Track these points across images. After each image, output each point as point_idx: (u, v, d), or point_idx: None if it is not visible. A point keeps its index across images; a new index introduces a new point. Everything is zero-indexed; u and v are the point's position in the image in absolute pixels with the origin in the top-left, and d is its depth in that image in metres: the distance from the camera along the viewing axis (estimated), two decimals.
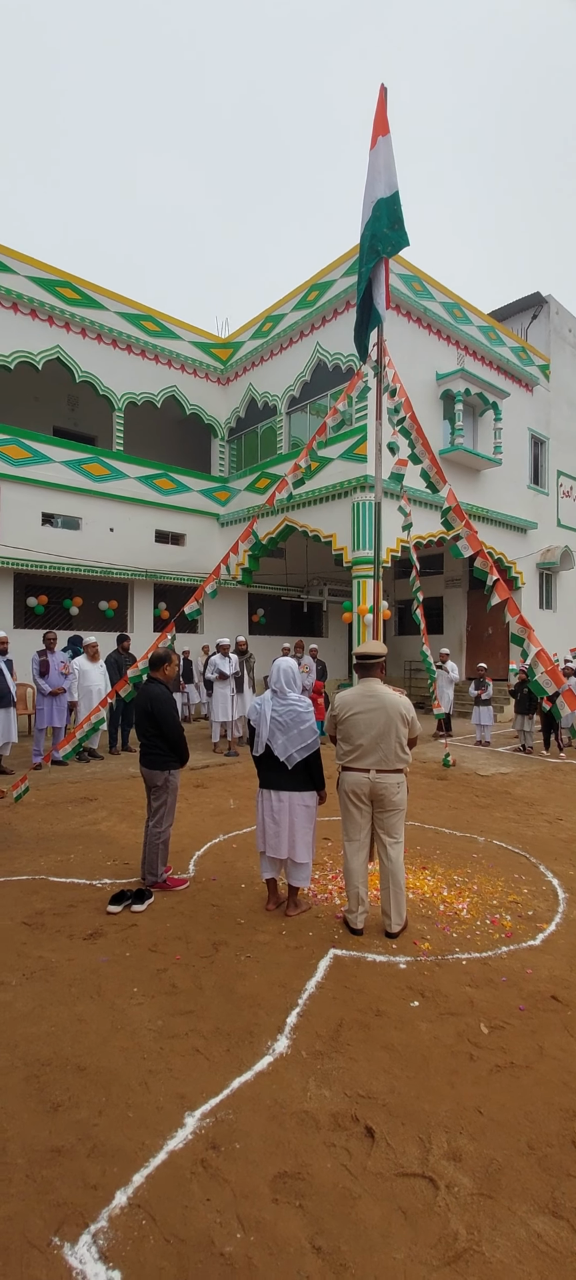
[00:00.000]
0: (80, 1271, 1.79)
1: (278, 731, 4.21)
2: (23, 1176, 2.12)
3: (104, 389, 14.36)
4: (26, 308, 13.13)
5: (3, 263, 12.68)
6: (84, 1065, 2.70)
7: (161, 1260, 1.82)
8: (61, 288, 13.52)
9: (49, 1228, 1.93)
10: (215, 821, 6.56)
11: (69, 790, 7.85)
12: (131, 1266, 1.80)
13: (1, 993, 3.27)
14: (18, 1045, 2.83)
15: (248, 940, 3.89)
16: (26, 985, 3.35)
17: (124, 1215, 1.97)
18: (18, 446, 12.86)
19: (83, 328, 13.97)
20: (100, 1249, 1.86)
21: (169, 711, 4.69)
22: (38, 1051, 2.79)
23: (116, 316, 14.43)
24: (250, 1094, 2.53)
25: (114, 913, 4.25)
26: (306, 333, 14.17)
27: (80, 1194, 2.05)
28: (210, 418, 16.42)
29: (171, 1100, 2.48)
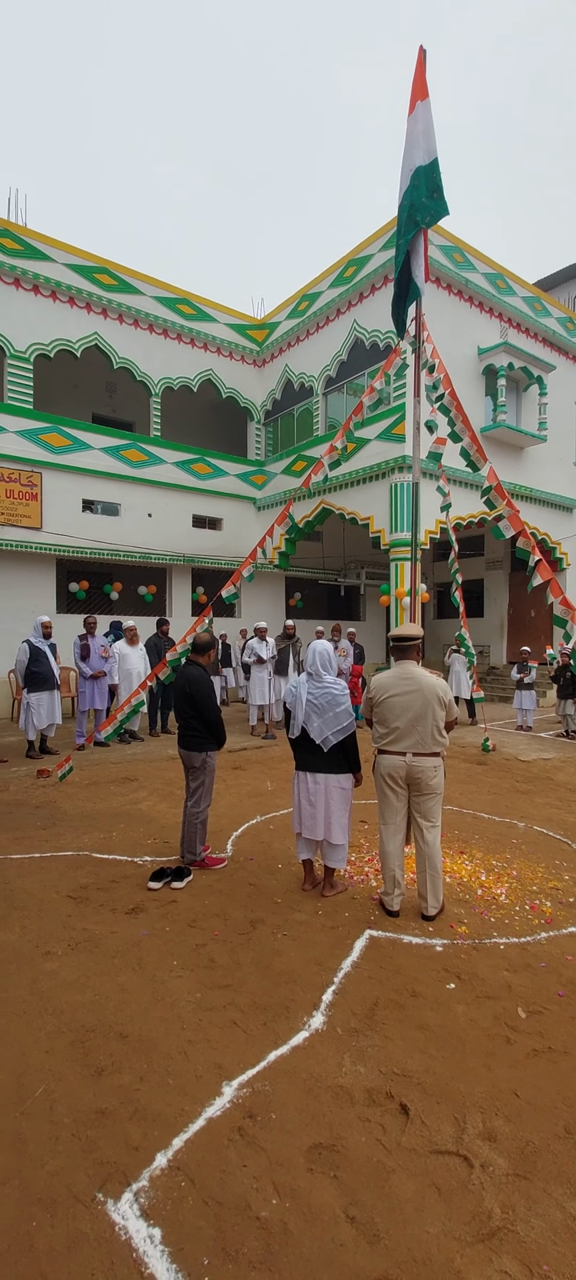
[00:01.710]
0: (122, 1227, 1.87)
1: (313, 714, 4.22)
2: (69, 1135, 2.22)
3: (141, 374, 14.50)
4: (65, 295, 13.34)
5: (42, 251, 12.90)
6: (126, 1033, 2.79)
7: (199, 1220, 1.89)
8: (99, 274, 13.68)
9: (93, 1184, 2.02)
10: (252, 803, 6.64)
11: (111, 770, 8.05)
12: (171, 1225, 1.87)
13: (49, 962, 3.40)
14: (64, 1012, 2.95)
15: (284, 919, 3.94)
16: (72, 955, 3.47)
17: (164, 1176, 2.05)
18: (59, 434, 13.13)
19: (120, 313, 14.12)
20: (141, 1207, 1.93)
21: (207, 694, 4.76)
22: (83, 1018, 2.90)
23: (152, 301, 14.53)
24: (286, 1067, 2.57)
25: (154, 889, 4.37)
26: (343, 310, 13.99)
27: (123, 1154, 2.13)
28: (246, 400, 16.42)
29: (210, 1070, 2.55)
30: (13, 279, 12.68)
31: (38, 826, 5.77)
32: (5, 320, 12.57)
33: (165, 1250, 1.79)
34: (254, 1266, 1.75)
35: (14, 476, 12.43)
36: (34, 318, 12.94)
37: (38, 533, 12.66)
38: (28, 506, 12.58)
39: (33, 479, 12.68)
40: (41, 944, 3.59)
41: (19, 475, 12.50)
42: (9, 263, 12.51)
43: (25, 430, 12.68)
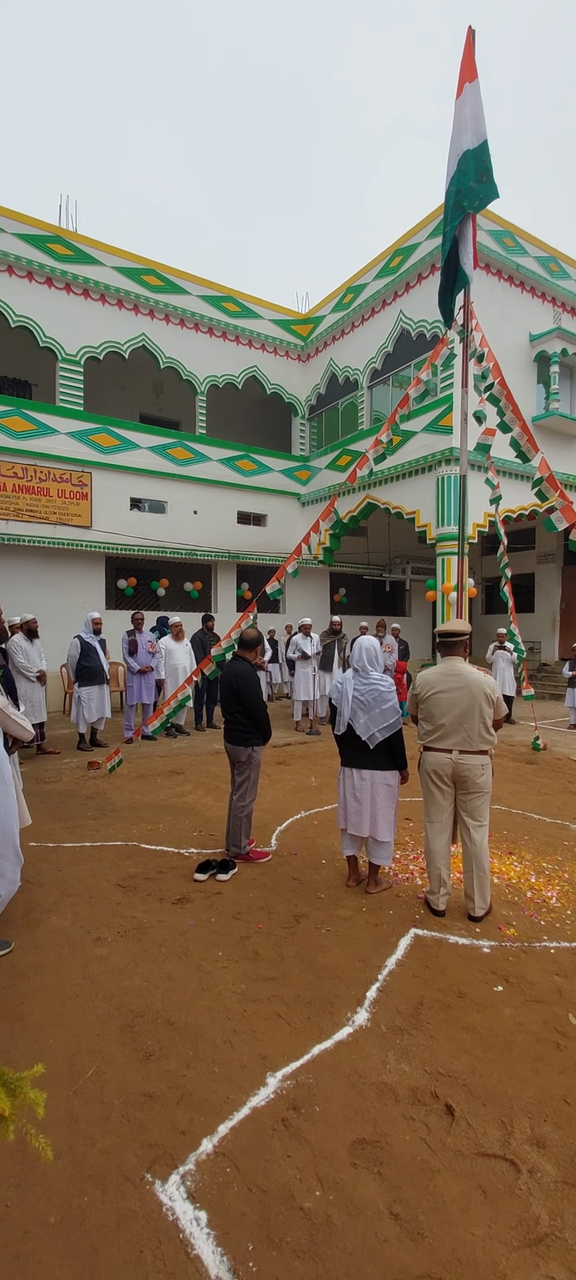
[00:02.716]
0: (169, 1208, 1.92)
1: (359, 710, 4.21)
2: (118, 1116, 2.29)
3: (187, 373, 14.70)
4: (113, 298, 13.63)
5: (91, 256, 13.22)
6: (173, 1020, 2.85)
7: (244, 1206, 1.92)
8: (146, 275, 13.93)
9: (142, 1164, 2.07)
10: (297, 798, 6.67)
11: (158, 764, 8.22)
12: (216, 1209, 1.91)
13: (100, 948, 3.50)
14: (113, 996, 3.04)
15: (328, 914, 3.94)
16: (121, 942, 3.57)
17: (210, 1161, 2.08)
18: (107, 435, 13.45)
19: (166, 314, 14.34)
20: (188, 1189, 1.98)
21: (254, 689, 4.80)
22: (131, 1004, 2.98)
23: (198, 300, 14.69)
24: (330, 1061, 2.58)
25: (200, 880, 4.44)
26: (389, 301, 13.83)
27: (170, 1137, 2.18)
28: (290, 396, 16.44)
29: (254, 1060, 2.59)
30: (64, 284, 13.04)
31: (88, 816, 5.94)
32: (57, 325, 12.94)
33: (211, 1233, 1.83)
34: (298, 1255, 1.77)
35: (65, 477, 12.81)
36: (84, 321, 13.28)
37: (88, 531, 13.01)
38: (78, 506, 12.94)
39: (83, 479, 13.03)
40: (92, 930, 3.70)
41: (70, 475, 12.87)
42: (60, 268, 12.87)
43: (76, 431, 13.04)
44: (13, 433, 12.32)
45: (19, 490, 12.31)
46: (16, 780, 3.96)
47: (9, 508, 12.19)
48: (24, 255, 12.48)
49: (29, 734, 3.77)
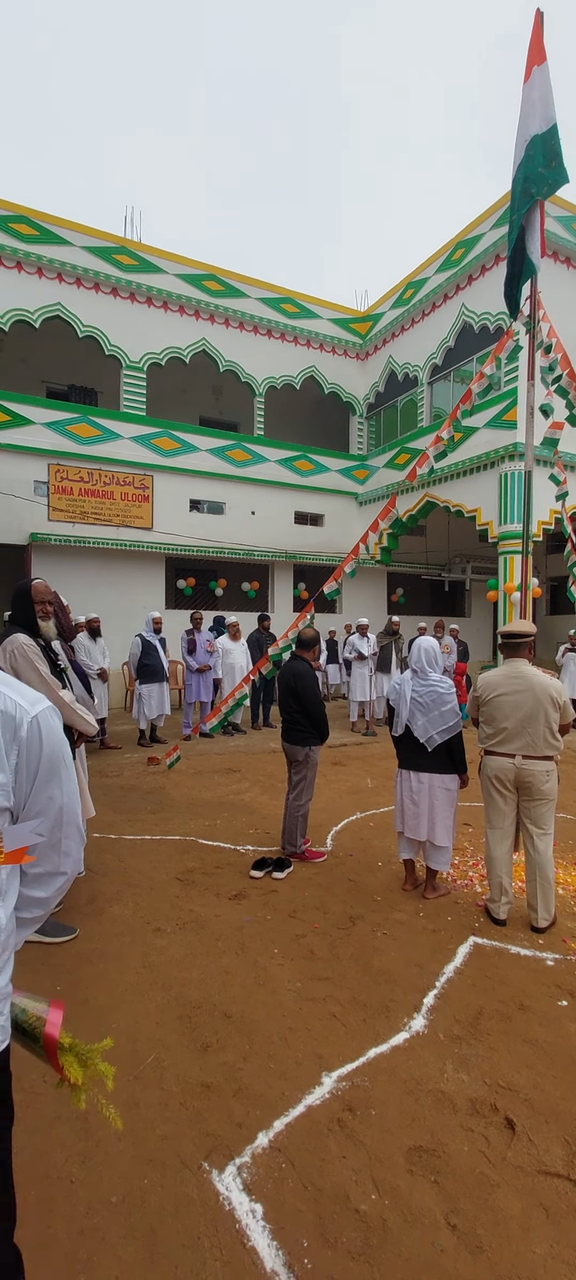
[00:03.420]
0: (226, 1197, 1.94)
1: (418, 712, 4.15)
2: (177, 1104, 2.34)
3: (246, 376, 14.87)
4: (175, 305, 13.95)
5: (154, 264, 13.57)
6: (230, 1013, 2.90)
7: (299, 1203, 1.92)
8: (207, 281, 14.18)
9: (199, 1152, 2.11)
10: (352, 799, 6.63)
11: (215, 761, 8.35)
12: (272, 1203, 1.92)
13: (159, 938, 3.60)
14: (172, 987, 3.11)
15: (384, 917, 3.91)
16: (179, 934, 3.65)
17: (265, 1155, 2.10)
18: (168, 438, 13.77)
19: (226, 318, 14.55)
20: (244, 1181, 2.00)
21: (312, 688, 4.81)
22: (189, 995, 3.04)
23: (257, 303, 14.84)
24: (386, 1066, 2.56)
25: (256, 878, 4.48)
26: (451, 295, 13.55)
27: (227, 1129, 2.22)
28: (348, 395, 16.36)
29: (309, 1058, 2.59)
30: (128, 293, 13.45)
31: (148, 811, 6.10)
32: (122, 333, 13.36)
33: (266, 1226, 1.85)
34: (353, 1257, 1.76)
35: (128, 480, 13.20)
36: (147, 329, 13.65)
37: (149, 533, 13.36)
38: (140, 508, 13.31)
39: (145, 482, 13.39)
40: (152, 921, 3.80)
41: (133, 479, 13.26)
42: (125, 278, 13.28)
43: (138, 436, 13.42)
44: (80, 439, 12.80)
45: (85, 494, 12.78)
46: (82, 773, 4.11)
47: (75, 511, 12.67)
48: (91, 267, 12.94)
49: (93, 729, 3.91)
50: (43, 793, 1.21)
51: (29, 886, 1.27)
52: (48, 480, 12.46)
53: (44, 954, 3.36)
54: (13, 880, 1.20)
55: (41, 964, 3.26)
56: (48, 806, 1.22)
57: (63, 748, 1.25)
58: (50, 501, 12.45)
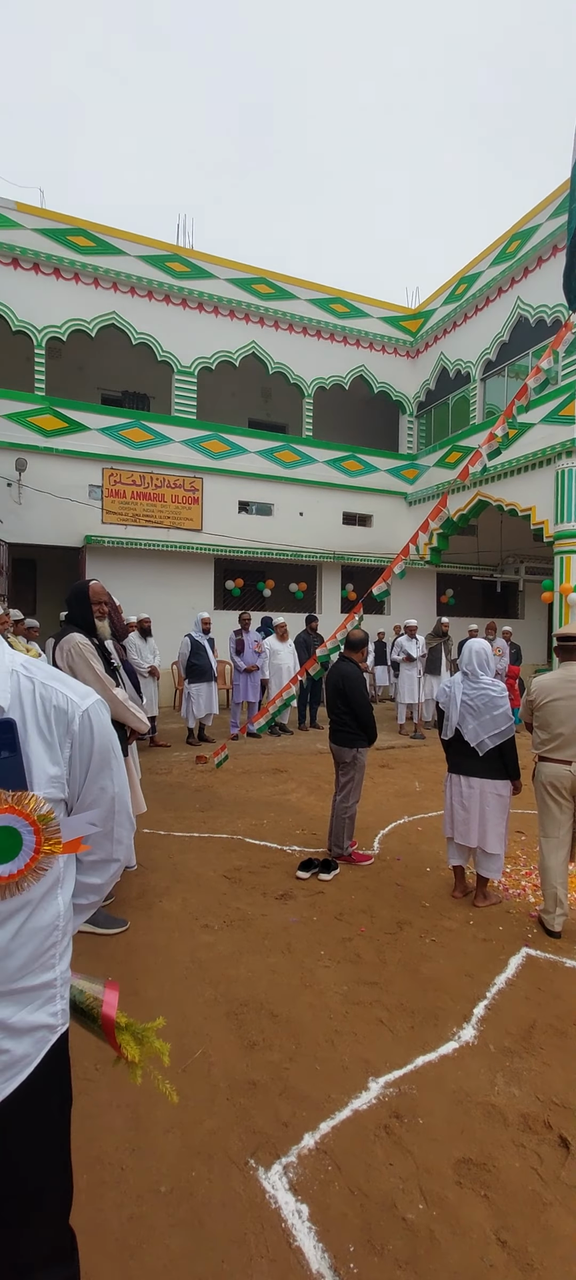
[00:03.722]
0: (272, 1195, 1.95)
1: (468, 716, 4.06)
2: (224, 1099, 2.36)
3: (295, 377, 14.91)
4: (226, 309, 14.12)
5: (206, 270, 13.77)
6: (276, 1012, 2.91)
7: (345, 1207, 1.91)
8: (257, 284, 14.29)
9: (246, 1149, 2.13)
10: (400, 802, 6.56)
11: (262, 761, 8.41)
12: (318, 1205, 1.92)
13: (206, 935, 3.65)
14: (220, 983, 3.15)
15: (432, 924, 3.84)
16: (227, 931, 3.69)
17: (311, 1157, 2.10)
18: (218, 441, 13.96)
19: (275, 320, 14.63)
20: (290, 1181, 2.01)
21: (360, 690, 4.79)
22: (237, 992, 3.07)
23: (307, 304, 14.86)
24: (434, 1074, 2.52)
25: (302, 878, 4.49)
26: (505, 288, 13.23)
27: (273, 1127, 2.23)
28: (398, 394, 16.18)
29: (356, 1063, 2.57)
30: (180, 299, 13.70)
31: (196, 808, 6.19)
32: (174, 339, 13.62)
33: (312, 1228, 1.85)
34: (399, 1266, 1.74)
35: (179, 483, 13.45)
36: (198, 334, 13.87)
37: (198, 534, 13.56)
38: (190, 510, 13.54)
39: (195, 484, 13.61)
40: (200, 917, 3.86)
41: (183, 481, 13.50)
42: (178, 285, 13.53)
43: (189, 439, 13.65)
44: (132, 443, 13.12)
45: (137, 497, 13.09)
46: (134, 770, 4.21)
47: (128, 514, 12.99)
48: (145, 275, 13.25)
49: (145, 726, 4.01)
50: (95, 784, 1.24)
51: (85, 874, 1.31)
52: (102, 484, 12.82)
53: (97, 944, 3.45)
54: (69, 869, 1.23)
55: (94, 954, 3.35)
56: (100, 797, 1.26)
57: (112, 740, 1.29)
58: (104, 505, 12.81)
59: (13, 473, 11.85)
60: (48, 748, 1.14)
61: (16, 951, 1.10)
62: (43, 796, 1.11)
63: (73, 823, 1.17)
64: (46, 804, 1.11)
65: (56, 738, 1.15)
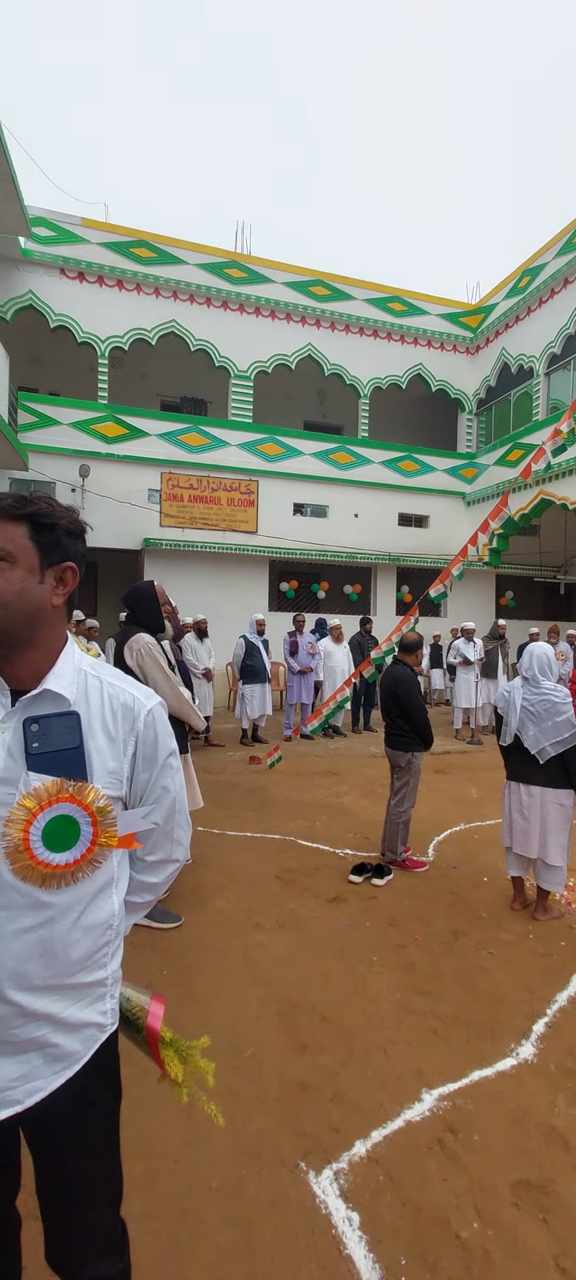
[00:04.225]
0: (323, 1201, 1.94)
1: (529, 722, 3.93)
2: (274, 1099, 2.37)
3: (350, 378, 14.84)
4: (282, 313, 14.20)
5: (263, 275, 13.91)
6: (328, 1016, 2.89)
7: (398, 1220, 1.88)
8: (313, 286, 14.32)
9: (296, 1152, 2.12)
10: (456, 809, 6.41)
11: (315, 763, 8.39)
12: (369, 1215, 1.89)
13: (259, 934, 3.66)
14: (272, 983, 3.15)
15: (490, 935, 3.73)
16: (279, 932, 3.70)
17: (362, 1165, 2.07)
18: (273, 444, 14.05)
19: (332, 322, 14.61)
20: (341, 1188, 1.99)
21: (414, 694, 4.71)
22: (288, 993, 3.07)
23: (364, 304, 14.77)
24: (491, 1090, 2.44)
25: (355, 882, 4.45)
26: (571, 279, 12.75)
27: (324, 1131, 2.21)
28: (457, 391, 15.85)
29: (409, 1073, 2.53)
30: (238, 305, 13.88)
31: (250, 808, 6.24)
32: (231, 344, 13.81)
33: (363, 1237, 1.82)
34: None
35: (235, 486, 13.62)
36: (255, 338, 14.02)
37: (253, 536, 13.69)
38: (246, 513, 13.69)
39: (250, 486, 13.75)
40: (252, 916, 3.88)
41: (239, 484, 13.65)
42: (235, 291, 13.72)
43: (245, 442, 13.81)
44: (190, 447, 13.38)
45: (194, 500, 13.34)
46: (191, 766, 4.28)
47: (185, 516, 13.25)
48: (204, 283, 13.51)
49: (201, 724, 4.08)
50: (158, 783, 1.25)
51: (143, 873, 1.33)
52: (160, 488, 13.14)
53: (152, 938, 3.53)
54: (124, 868, 1.26)
55: (150, 947, 3.43)
56: (163, 797, 1.27)
57: (172, 740, 1.30)
58: (162, 508, 13.12)
59: (77, 479, 12.31)
60: (111, 743, 1.17)
61: (70, 947, 1.12)
62: (101, 790, 1.13)
63: (129, 817, 1.19)
64: (104, 797, 1.13)
65: (121, 735, 1.18)
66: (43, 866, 1.06)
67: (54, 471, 12.30)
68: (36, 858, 1.05)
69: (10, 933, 1.06)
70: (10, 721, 1.09)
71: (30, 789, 1.06)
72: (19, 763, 1.07)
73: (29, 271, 12.44)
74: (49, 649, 1.15)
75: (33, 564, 1.11)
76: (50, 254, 12.50)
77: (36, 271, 12.51)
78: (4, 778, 1.07)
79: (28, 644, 1.11)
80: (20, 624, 1.09)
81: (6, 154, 9.00)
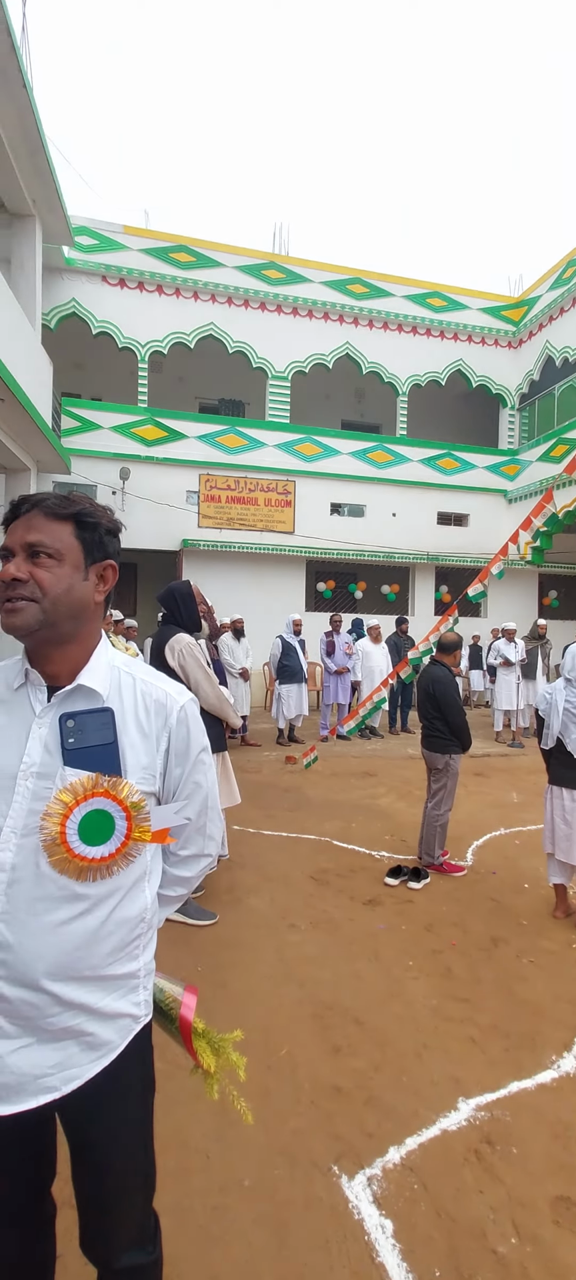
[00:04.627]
0: (356, 1206, 1.92)
1: (572, 725, 3.81)
2: (308, 1101, 2.35)
3: (389, 376, 14.70)
4: (320, 312, 14.17)
5: (300, 275, 13.90)
6: (362, 1020, 2.86)
7: (432, 1230, 1.84)
8: (351, 285, 14.24)
9: (329, 1155, 2.11)
10: (495, 813, 6.27)
11: (351, 764, 8.34)
12: (403, 1223, 1.86)
13: (293, 934, 3.66)
14: (305, 984, 3.14)
15: (530, 944, 3.64)
16: (313, 933, 3.69)
17: (396, 1172, 2.04)
18: (311, 444, 14.03)
19: (370, 319, 14.50)
20: (374, 1194, 1.96)
21: (451, 695, 4.63)
22: (322, 995, 3.05)
23: (403, 300, 14.62)
24: (530, 1102, 2.37)
25: (391, 885, 4.40)
26: None
27: (357, 1136, 2.19)
28: (498, 387, 15.53)
29: (445, 1080, 2.48)
30: (275, 306, 13.91)
31: (285, 808, 6.24)
32: (268, 345, 13.86)
33: (396, 1245, 1.79)
34: None
35: (272, 486, 13.65)
36: (292, 339, 14.03)
37: (291, 536, 13.69)
38: (283, 513, 13.71)
39: (287, 487, 13.76)
40: (287, 916, 3.88)
41: (276, 485, 13.68)
42: (273, 291, 13.76)
43: (282, 443, 13.83)
44: (228, 449, 13.48)
45: (231, 501, 13.44)
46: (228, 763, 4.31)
47: (222, 517, 13.36)
48: (242, 285, 13.59)
49: (238, 722, 4.11)
50: (191, 779, 1.27)
51: (176, 867, 1.34)
52: (198, 489, 13.27)
53: (187, 935, 3.56)
54: (156, 862, 1.27)
55: (184, 944, 3.46)
56: (195, 792, 1.28)
57: (205, 736, 1.31)
58: (200, 509, 13.25)
59: (117, 481, 12.55)
60: (144, 739, 1.19)
61: (105, 939, 1.14)
62: (135, 785, 1.15)
63: (162, 813, 1.21)
64: (138, 793, 1.15)
65: (154, 731, 1.20)
66: (79, 860, 1.08)
67: (95, 475, 12.57)
68: (73, 851, 1.08)
69: (47, 924, 1.08)
70: (46, 717, 1.12)
71: (66, 784, 1.09)
72: (55, 758, 1.10)
73: (72, 280, 12.75)
74: (86, 645, 1.18)
75: (78, 561, 1.14)
76: (92, 262, 12.77)
77: (79, 280, 12.81)
78: (41, 772, 1.10)
79: (69, 639, 1.14)
80: (66, 619, 1.12)
81: (50, 166, 9.23)
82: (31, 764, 1.10)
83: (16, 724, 1.13)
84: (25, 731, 1.12)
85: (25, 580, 1.08)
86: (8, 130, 8.16)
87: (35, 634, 1.11)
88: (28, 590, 1.08)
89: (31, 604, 1.09)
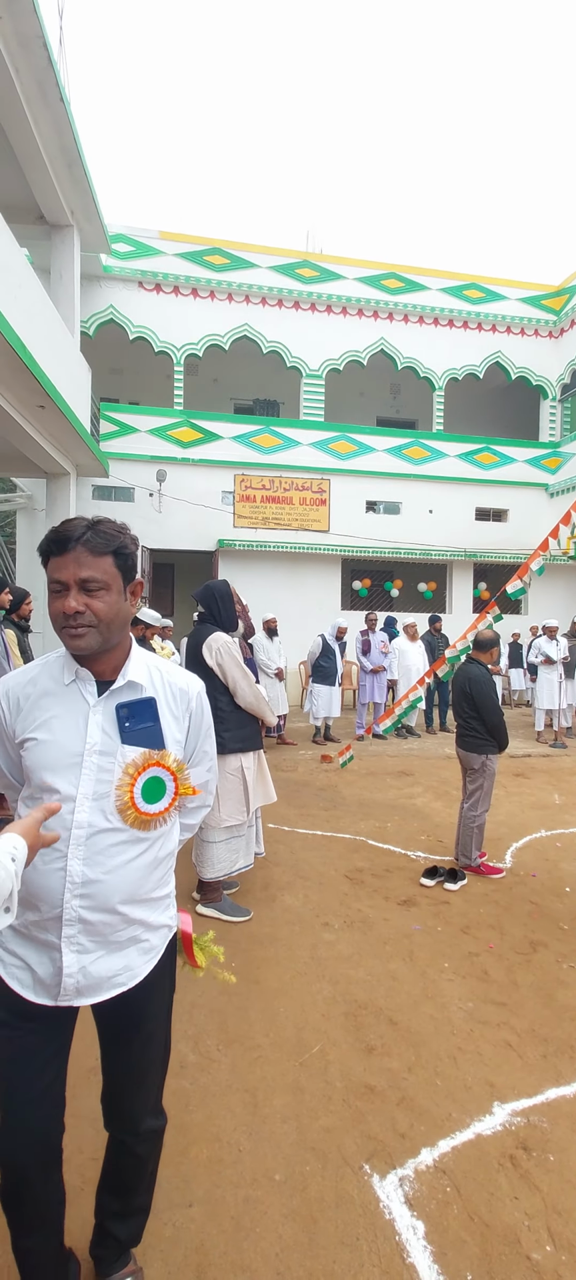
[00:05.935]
0: (387, 1206, 1.91)
1: None
2: (340, 1099, 2.35)
3: (425, 371, 14.52)
4: (354, 309, 14.09)
5: (334, 272, 13.85)
6: (395, 1020, 2.84)
7: (464, 1234, 1.82)
8: (386, 280, 14.11)
9: (360, 1154, 2.10)
10: (536, 815, 6.14)
11: (387, 763, 8.28)
12: (435, 1225, 1.85)
13: (327, 933, 3.66)
14: (339, 982, 3.14)
15: (571, 948, 3.55)
16: (347, 932, 3.68)
17: (429, 1174, 2.03)
18: (345, 442, 13.96)
19: (405, 314, 14.35)
20: (405, 1195, 1.95)
21: (488, 694, 4.55)
22: (355, 994, 3.05)
23: (438, 294, 14.41)
24: (568, 1110, 2.32)
25: (427, 886, 4.35)
26: None
27: (389, 1136, 2.18)
28: (539, 378, 15.16)
29: (480, 1084, 2.44)
30: (309, 304, 13.90)
31: (320, 807, 6.24)
32: (302, 344, 13.86)
33: (428, 1248, 1.78)
34: None
35: (307, 485, 13.64)
36: (326, 336, 13.99)
37: (326, 535, 13.66)
38: (318, 511, 13.68)
39: (322, 485, 13.73)
40: (321, 914, 3.88)
41: (311, 484, 13.67)
42: (306, 290, 13.75)
43: (317, 441, 13.80)
44: (262, 449, 13.53)
45: (266, 500, 13.49)
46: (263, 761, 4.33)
47: (257, 517, 13.42)
48: (275, 285, 13.62)
49: (274, 720, 4.13)
50: (202, 747, 1.63)
51: (186, 816, 1.68)
52: (233, 490, 13.37)
53: (221, 930, 3.60)
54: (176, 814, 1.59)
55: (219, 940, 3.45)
56: (203, 759, 1.65)
57: (211, 713, 1.67)
58: (235, 509, 13.34)
59: (154, 484, 12.74)
60: (174, 719, 1.52)
61: (154, 870, 1.49)
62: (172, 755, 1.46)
63: (196, 772, 1.62)
64: (176, 760, 1.47)
65: (180, 711, 1.53)
66: (144, 815, 1.41)
67: (132, 478, 12.79)
68: (140, 809, 1.40)
69: (121, 863, 1.40)
70: (101, 705, 1.41)
71: (128, 759, 1.40)
72: (114, 738, 1.40)
73: (109, 287, 13.01)
74: (124, 647, 1.48)
75: (120, 586, 1.41)
76: (129, 268, 13.00)
77: (116, 286, 13.06)
78: (104, 750, 1.39)
79: (115, 646, 1.44)
80: (116, 633, 1.41)
81: (87, 176, 9.43)
82: (94, 744, 1.38)
83: (72, 713, 1.40)
84: (83, 719, 1.39)
85: (83, 612, 1.34)
86: (46, 143, 8.37)
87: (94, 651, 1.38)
88: (86, 620, 1.34)
89: (91, 629, 1.35)
